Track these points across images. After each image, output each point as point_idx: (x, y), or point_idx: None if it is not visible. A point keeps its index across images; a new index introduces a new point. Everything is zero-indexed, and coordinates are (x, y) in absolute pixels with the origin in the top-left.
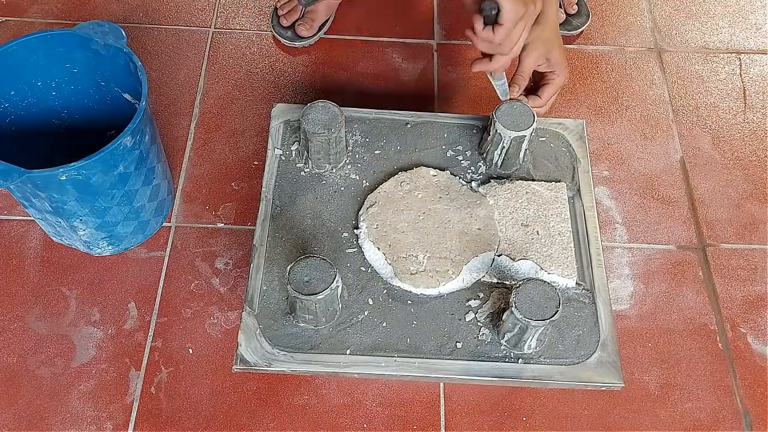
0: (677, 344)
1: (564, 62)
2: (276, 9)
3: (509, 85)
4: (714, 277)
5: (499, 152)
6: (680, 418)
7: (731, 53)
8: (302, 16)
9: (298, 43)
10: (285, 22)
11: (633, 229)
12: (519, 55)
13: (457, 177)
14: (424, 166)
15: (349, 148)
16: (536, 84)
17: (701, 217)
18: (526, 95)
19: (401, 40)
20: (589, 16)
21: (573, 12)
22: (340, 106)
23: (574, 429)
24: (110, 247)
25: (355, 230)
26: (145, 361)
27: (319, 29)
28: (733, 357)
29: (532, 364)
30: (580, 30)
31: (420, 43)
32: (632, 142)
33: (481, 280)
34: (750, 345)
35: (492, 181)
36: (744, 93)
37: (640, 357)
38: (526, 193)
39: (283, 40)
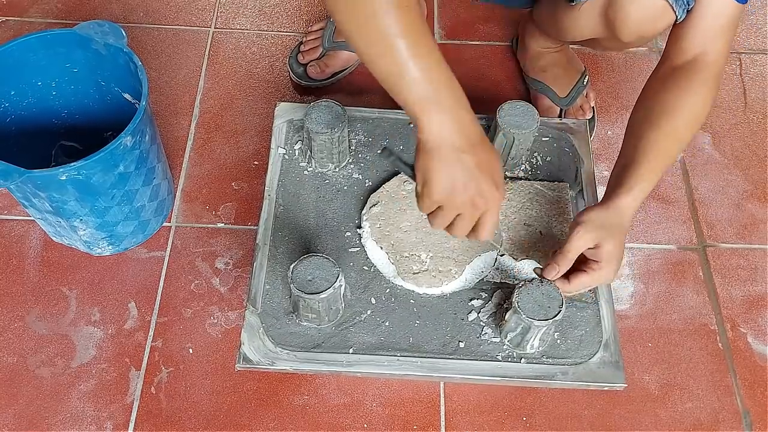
0: (677, 344)
1: (616, 260)
2: (301, 42)
3: (549, 263)
4: (714, 277)
5: (502, 152)
6: (680, 418)
7: (731, 53)
8: (320, 57)
9: (304, 83)
10: (302, 59)
11: (633, 229)
12: (569, 233)
13: None
14: None
15: (352, 148)
16: (574, 266)
17: (701, 217)
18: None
19: None
20: None
21: None
22: (343, 106)
23: (574, 429)
24: (110, 247)
25: (357, 229)
26: (145, 361)
27: (333, 76)
28: (733, 357)
29: (535, 363)
30: None
31: None
32: None
33: (484, 279)
34: (750, 345)
35: None
36: (744, 93)
37: (640, 357)
38: (529, 193)
39: (292, 75)
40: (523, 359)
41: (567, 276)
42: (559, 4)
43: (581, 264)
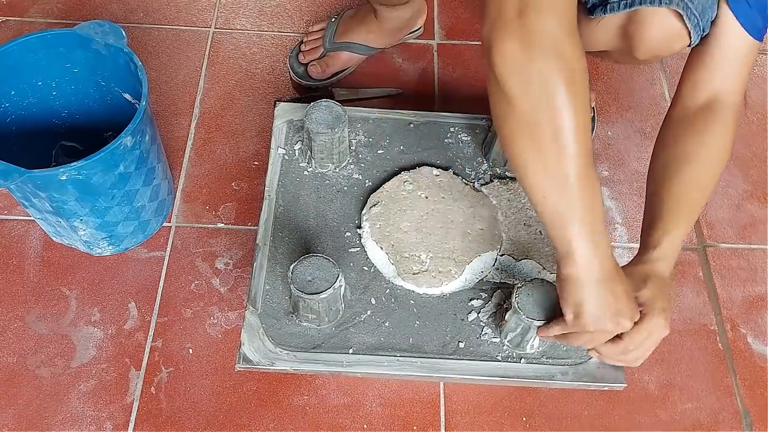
0: (677, 344)
1: (659, 307)
2: (302, 42)
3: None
4: (714, 277)
5: (502, 152)
6: (680, 418)
7: None
8: (321, 57)
9: (305, 82)
10: (303, 59)
11: (633, 229)
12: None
13: (460, 177)
14: (426, 165)
15: (352, 148)
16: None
17: (701, 217)
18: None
19: (401, 40)
20: None
21: None
22: (343, 106)
23: (574, 429)
24: (110, 247)
25: (358, 230)
26: (145, 361)
27: (333, 76)
28: (733, 357)
29: (535, 364)
30: None
31: (420, 43)
32: (632, 142)
33: (484, 279)
34: (750, 345)
35: (495, 181)
36: (744, 93)
37: None
38: None
39: (292, 74)
40: (523, 359)
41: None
42: (578, 16)
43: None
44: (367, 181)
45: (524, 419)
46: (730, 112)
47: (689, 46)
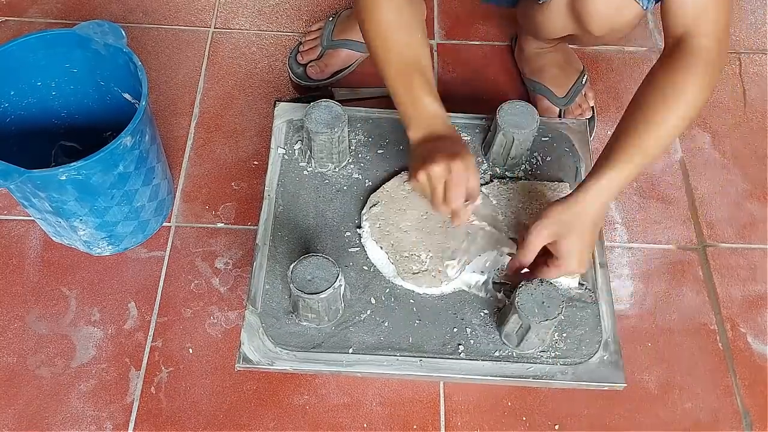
0: (677, 344)
1: (576, 254)
2: (301, 43)
3: (512, 258)
4: (714, 276)
5: (502, 152)
6: (680, 418)
7: (731, 53)
8: (319, 58)
9: (304, 83)
10: (301, 59)
11: (633, 229)
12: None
13: None
14: None
15: (352, 148)
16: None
17: (701, 217)
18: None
19: None
20: None
21: None
22: (343, 106)
23: (574, 429)
24: (110, 247)
25: (357, 229)
26: (145, 361)
27: (333, 76)
28: (733, 357)
29: (535, 363)
30: None
31: None
32: None
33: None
34: (750, 345)
35: (495, 181)
36: (744, 93)
37: (640, 357)
38: (529, 193)
39: (291, 75)
40: (523, 359)
41: (532, 269)
42: (530, 4)
43: (547, 256)
44: (367, 180)
45: (524, 419)
46: (694, 56)
47: (645, 10)
